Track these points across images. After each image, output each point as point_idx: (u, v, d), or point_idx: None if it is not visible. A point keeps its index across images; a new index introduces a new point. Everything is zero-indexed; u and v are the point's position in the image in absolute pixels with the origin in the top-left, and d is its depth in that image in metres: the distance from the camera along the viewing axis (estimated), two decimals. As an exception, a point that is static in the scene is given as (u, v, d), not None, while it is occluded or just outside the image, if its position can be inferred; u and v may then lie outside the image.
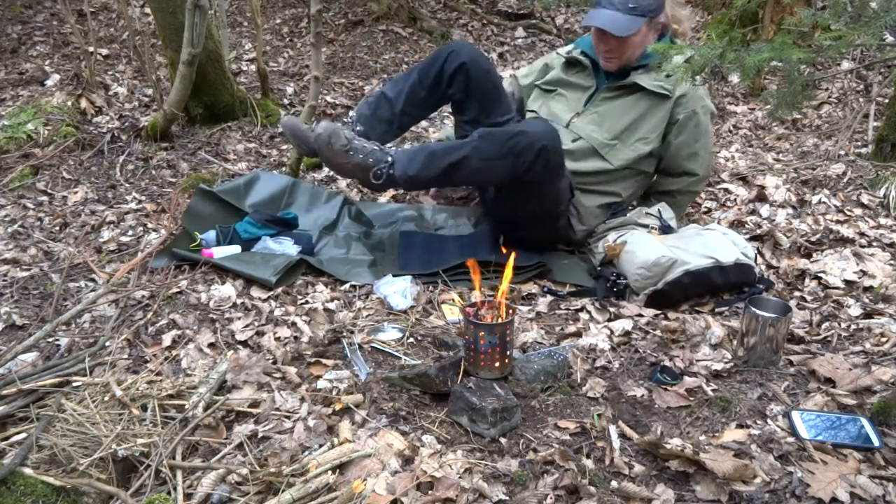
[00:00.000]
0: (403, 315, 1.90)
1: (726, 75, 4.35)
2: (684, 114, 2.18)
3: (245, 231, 2.27)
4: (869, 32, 1.98)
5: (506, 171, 2.00)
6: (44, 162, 3.06)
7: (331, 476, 1.23)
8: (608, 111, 2.21)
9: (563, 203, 2.15)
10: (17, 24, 4.98)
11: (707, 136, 2.25)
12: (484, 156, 2.00)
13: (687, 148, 2.23)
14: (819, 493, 1.18)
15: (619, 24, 2.07)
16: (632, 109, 2.19)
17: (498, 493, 1.21)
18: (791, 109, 2.75)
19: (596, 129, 2.21)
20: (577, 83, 2.32)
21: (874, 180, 2.65)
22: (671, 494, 1.20)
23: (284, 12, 5.85)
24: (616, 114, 2.20)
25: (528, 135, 1.95)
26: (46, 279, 2.12)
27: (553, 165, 2.01)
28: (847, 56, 3.97)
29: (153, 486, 1.24)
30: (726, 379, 1.57)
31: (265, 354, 1.68)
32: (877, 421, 1.36)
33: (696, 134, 2.21)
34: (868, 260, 2.07)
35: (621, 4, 2.07)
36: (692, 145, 2.22)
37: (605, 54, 2.18)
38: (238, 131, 3.54)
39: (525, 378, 1.53)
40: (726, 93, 4.25)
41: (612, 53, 2.16)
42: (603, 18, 2.09)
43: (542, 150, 1.93)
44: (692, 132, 2.21)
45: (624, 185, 2.27)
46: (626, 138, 2.19)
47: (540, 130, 1.98)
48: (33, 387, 1.49)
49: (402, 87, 2.38)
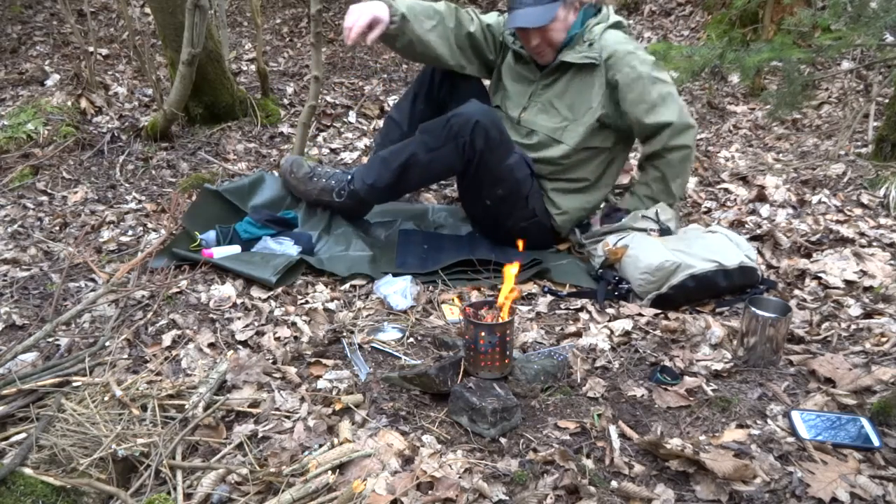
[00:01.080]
0: (403, 315, 1.90)
1: (726, 75, 4.36)
2: (620, 73, 2.12)
3: (245, 231, 2.27)
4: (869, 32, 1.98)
5: (453, 157, 2.13)
6: (44, 162, 3.06)
7: (331, 476, 1.23)
8: (550, 97, 2.25)
9: (524, 182, 2.21)
10: (17, 24, 4.98)
11: (659, 83, 2.14)
12: (429, 147, 2.15)
13: (642, 103, 2.13)
14: (819, 493, 1.18)
15: (536, 17, 2.11)
16: (570, 88, 2.22)
17: (498, 493, 1.21)
18: (791, 109, 2.76)
19: (545, 116, 2.26)
20: (524, 76, 2.33)
21: (874, 180, 2.65)
22: (671, 494, 1.20)
23: (284, 12, 5.85)
24: (557, 97, 2.24)
25: (461, 114, 2.10)
26: (46, 279, 2.12)
27: (492, 139, 2.11)
28: (847, 56, 3.97)
29: (153, 486, 1.24)
30: (726, 379, 1.57)
31: (265, 354, 1.68)
32: (877, 421, 1.36)
33: (643, 87, 2.12)
34: (868, 260, 2.07)
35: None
36: (646, 99, 2.12)
37: (535, 50, 2.20)
38: (238, 131, 3.54)
39: (525, 378, 1.53)
40: (726, 93, 4.25)
41: (540, 47, 2.19)
42: (519, 19, 2.13)
43: (476, 125, 2.07)
44: (639, 87, 2.12)
45: (589, 168, 2.28)
46: (574, 116, 2.21)
47: (472, 109, 2.11)
48: (33, 387, 1.49)
49: (404, 107, 2.50)
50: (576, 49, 2.18)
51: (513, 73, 2.37)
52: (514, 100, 2.35)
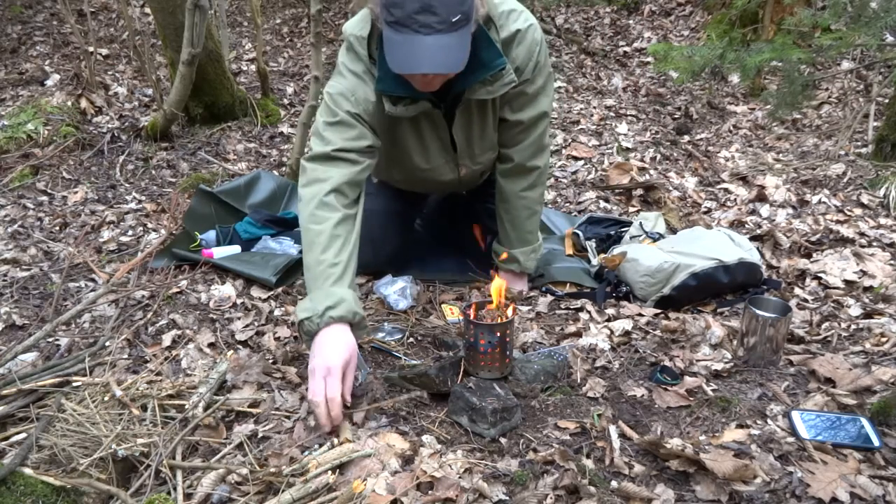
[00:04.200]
0: (403, 315, 1.90)
1: (726, 75, 4.37)
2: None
3: (245, 231, 2.27)
4: (869, 32, 1.99)
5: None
6: (44, 162, 3.07)
7: (331, 476, 1.22)
8: (474, 138, 1.86)
9: None
10: (17, 24, 4.98)
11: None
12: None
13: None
14: (819, 493, 1.18)
15: (452, 55, 1.48)
16: (483, 119, 1.82)
17: (498, 493, 1.20)
18: (791, 109, 2.76)
19: (480, 154, 1.92)
20: (431, 130, 1.82)
21: (874, 180, 2.65)
22: (671, 494, 1.20)
23: (284, 12, 5.85)
24: (478, 134, 1.85)
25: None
26: (46, 279, 2.12)
27: None
28: (847, 56, 3.98)
29: (153, 486, 1.24)
30: (726, 379, 1.57)
31: (265, 354, 1.67)
32: (877, 421, 1.36)
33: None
34: (868, 260, 2.07)
35: (442, 21, 1.42)
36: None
37: (428, 86, 1.61)
38: (238, 131, 3.54)
39: (525, 378, 1.53)
40: (726, 93, 4.26)
41: (437, 80, 1.59)
42: (428, 58, 1.46)
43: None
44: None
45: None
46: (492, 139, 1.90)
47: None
48: (33, 387, 1.49)
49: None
50: (486, 87, 1.73)
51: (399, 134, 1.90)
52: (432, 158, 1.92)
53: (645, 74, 4.63)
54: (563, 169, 3.15)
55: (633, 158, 3.16)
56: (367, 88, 1.66)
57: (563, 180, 3.03)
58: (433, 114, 1.76)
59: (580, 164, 3.17)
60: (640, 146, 3.34)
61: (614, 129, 3.60)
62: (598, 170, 3.07)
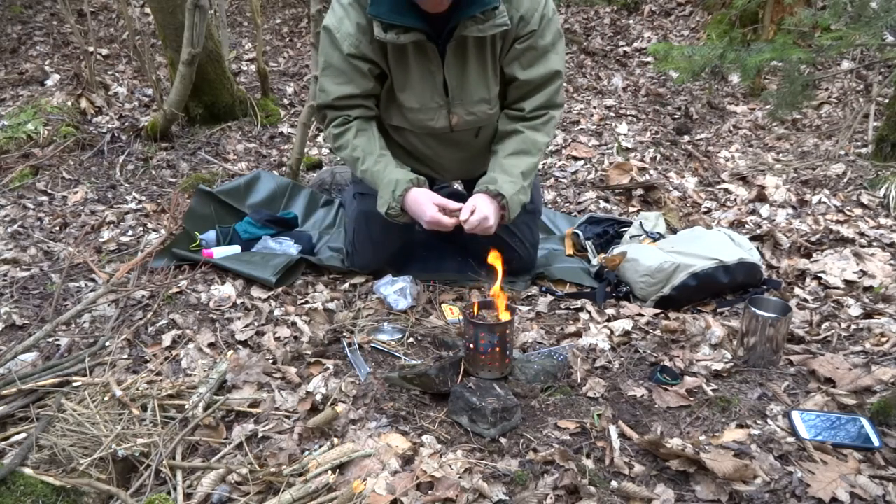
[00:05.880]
0: (403, 315, 1.90)
1: (726, 75, 4.36)
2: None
3: (245, 231, 2.27)
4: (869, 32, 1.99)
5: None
6: (44, 162, 3.07)
7: (331, 476, 1.23)
8: (468, 84, 1.81)
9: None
10: (17, 24, 4.99)
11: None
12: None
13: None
14: (819, 493, 1.18)
15: None
16: (480, 66, 1.80)
17: (498, 493, 1.21)
18: (791, 109, 2.76)
19: (474, 103, 1.85)
20: (422, 65, 1.78)
21: (874, 180, 2.65)
22: (671, 494, 1.20)
23: (284, 12, 5.86)
24: (474, 80, 1.81)
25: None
26: (46, 279, 2.12)
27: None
28: (847, 56, 3.98)
29: (153, 486, 1.24)
30: (726, 379, 1.57)
31: (265, 354, 1.67)
32: (877, 421, 1.36)
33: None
34: (868, 260, 2.07)
35: None
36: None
37: (438, 6, 1.63)
38: (238, 131, 3.54)
39: (525, 378, 1.53)
40: (726, 93, 4.25)
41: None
42: None
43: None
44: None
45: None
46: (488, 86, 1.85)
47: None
48: (33, 387, 1.49)
49: None
50: (479, 24, 1.72)
51: (400, 69, 1.88)
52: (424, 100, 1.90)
53: (645, 74, 4.63)
54: (563, 169, 3.15)
55: (633, 158, 3.16)
56: (358, 15, 1.73)
57: (563, 180, 3.03)
58: (427, 47, 1.75)
59: (580, 164, 3.17)
60: (640, 146, 3.34)
61: (614, 129, 3.60)
62: (598, 170, 3.07)
